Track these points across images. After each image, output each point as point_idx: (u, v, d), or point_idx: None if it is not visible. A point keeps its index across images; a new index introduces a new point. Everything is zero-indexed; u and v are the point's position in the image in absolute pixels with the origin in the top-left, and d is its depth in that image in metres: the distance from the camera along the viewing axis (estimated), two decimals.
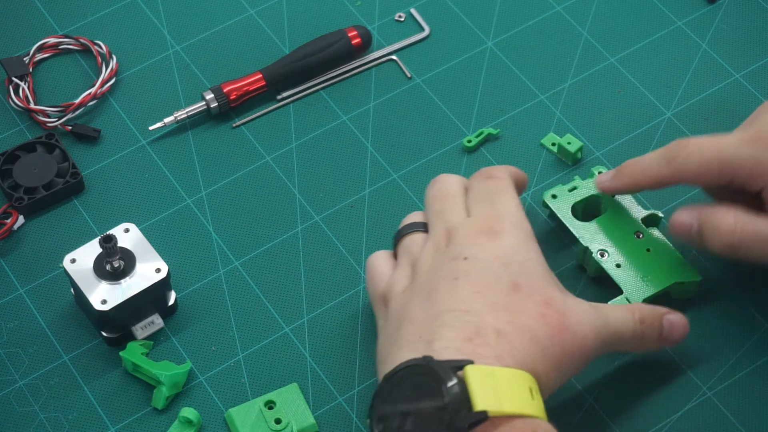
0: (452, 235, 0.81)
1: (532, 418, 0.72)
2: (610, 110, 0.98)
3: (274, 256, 0.92)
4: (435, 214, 0.84)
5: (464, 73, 1.00)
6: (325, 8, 1.04)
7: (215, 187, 0.95)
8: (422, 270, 0.80)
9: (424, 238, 0.83)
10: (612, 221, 0.88)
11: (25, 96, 0.98)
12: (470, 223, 0.81)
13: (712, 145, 0.83)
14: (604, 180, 0.88)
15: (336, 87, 1.00)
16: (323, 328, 0.88)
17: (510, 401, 0.71)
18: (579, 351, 0.77)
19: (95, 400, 0.86)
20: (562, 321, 0.76)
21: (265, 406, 0.84)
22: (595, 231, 0.88)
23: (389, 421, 0.72)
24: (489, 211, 0.81)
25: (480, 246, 0.79)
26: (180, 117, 0.97)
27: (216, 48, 1.02)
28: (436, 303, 0.77)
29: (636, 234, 0.88)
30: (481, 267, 0.78)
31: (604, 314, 0.79)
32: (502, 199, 0.82)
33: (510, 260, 0.78)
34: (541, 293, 0.77)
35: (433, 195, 0.85)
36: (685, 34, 1.02)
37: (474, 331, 0.74)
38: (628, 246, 0.87)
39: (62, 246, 0.91)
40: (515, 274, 0.78)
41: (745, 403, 0.84)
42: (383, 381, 0.74)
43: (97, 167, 0.96)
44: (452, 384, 0.71)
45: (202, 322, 0.89)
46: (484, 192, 0.83)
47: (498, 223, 0.80)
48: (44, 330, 0.89)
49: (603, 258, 0.86)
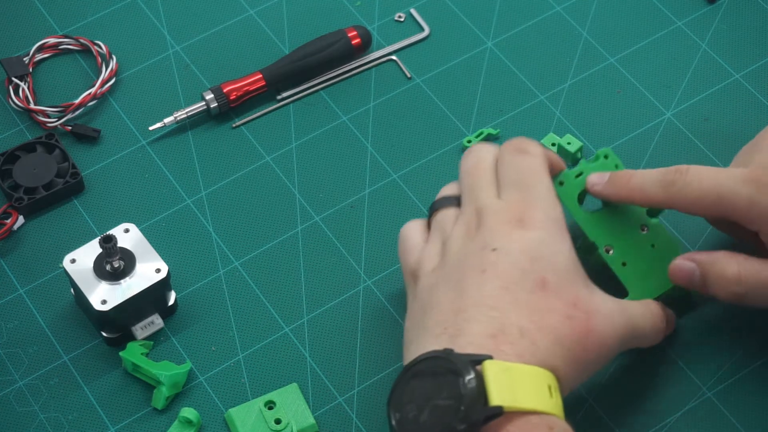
0: (482, 218, 0.80)
1: (549, 415, 0.72)
2: (609, 110, 0.98)
3: (274, 256, 0.92)
4: (467, 189, 0.83)
5: (464, 73, 1.00)
6: (325, 8, 1.04)
7: (215, 187, 0.95)
8: (451, 252, 0.80)
9: (456, 214, 0.83)
10: (617, 211, 0.86)
11: (25, 96, 0.98)
12: (500, 209, 0.80)
13: (710, 179, 0.81)
14: (596, 183, 0.85)
15: (336, 87, 1.00)
16: (323, 328, 0.88)
17: (526, 397, 0.72)
18: (601, 351, 0.77)
19: (95, 400, 0.86)
20: (587, 324, 0.76)
21: (265, 406, 0.84)
22: (601, 222, 0.86)
23: (407, 410, 0.73)
24: (520, 197, 0.80)
25: (509, 237, 0.78)
26: (180, 117, 0.97)
27: (216, 48, 1.02)
28: (463, 295, 0.76)
29: (641, 227, 0.86)
30: (509, 261, 0.77)
31: (628, 312, 0.80)
32: (534, 183, 0.81)
33: (538, 254, 0.77)
34: (569, 292, 0.77)
35: (467, 168, 0.84)
36: (685, 34, 1.02)
37: (498, 328, 0.74)
38: (634, 241, 0.85)
39: (62, 246, 0.91)
40: (543, 269, 0.77)
41: (745, 403, 0.84)
42: (403, 370, 0.74)
43: (97, 167, 0.96)
44: (470, 378, 0.71)
45: (202, 322, 0.89)
46: (516, 171, 0.81)
47: (528, 213, 0.79)
48: (44, 330, 0.89)
49: (609, 254, 0.85)
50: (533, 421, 0.72)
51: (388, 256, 0.91)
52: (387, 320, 0.88)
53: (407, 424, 0.72)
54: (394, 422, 0.73)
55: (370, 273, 0.90)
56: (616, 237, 0.86)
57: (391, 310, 0.89)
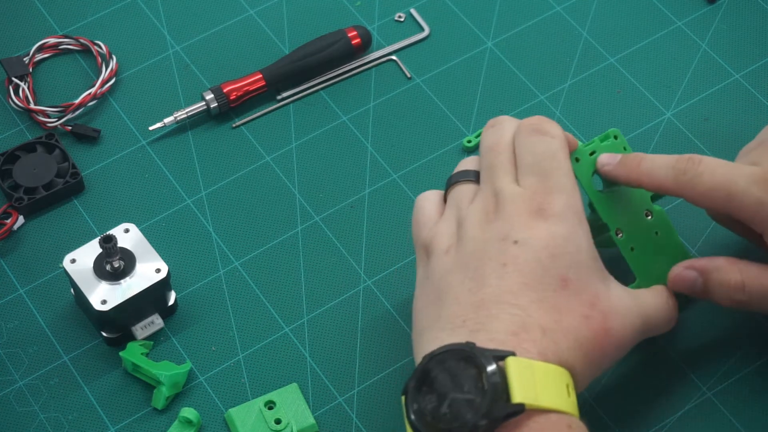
0: (500, 204, 0.79)
1: (567, 415, 0.72)
2: (609, 110, 0.98)
3: (274, 256, 0.92)
4: (486, 168, 0.81)
5: (464, 73, 1.00)
6: (325, 8, 1.04)
7: (215, 187, 0.95)
8: (468, 236, 0.78)
9: (473, 191, 0.81)
10: (624, 194, 0.85)
11: (25, 96, 0.98)
12: (519, 196, 0.78)
13: (724, 173, 0.79)
14: (606, 163, 0.83)
15: (336, 87, 1.00)
16: (323, 328, 0.88)
17: (547, 396, 0.71)
18: (616, 351, 0.77)
19: (95, 400, 0.86)
20: (604, 325, 0.76)
21: (265, 406, 0.84)
22: (612, 204, 0.84)
23: (426, 401, 0.72)
24: (540, 185, 0.79)
25: (530, 229, 0.77)
26: (180, 117, 0.97)
27: (216, 48, 1.02)
28: (483, 288, 0.76)
29: (645, 213, 0.85)
30: (531, 256, 0.76)
31: (643, 306, 0.79)
32: (554, 169, 0.79)
33: (560, 251, 0.76)
34: (588, 291, 0.76)
35: (488, 145, 0.82)
36: (685, 34, 1.02)
37: (520, 326, 0.74)
38: (640, 227, 0.84)
39: (62, 246, 0.91)
40: (565, 266, 0.76)
41: (745, 403, 0.84)
42: (423, 361, 0.73)
43: (97, 167, 0.96)
44: (493, 373, 0.70)
45: (202, 322, 0.89)
46: (535, 154, 0.80)
47: (549, 203, 0.78)
48: (44, 330, 0.89)
49: (619, 237, 0.84)
50: (553, 419, 0.71)
51: (388, 256, 0.91)
52: (387, 320, 0.88)
53: (426, 416, 0.71)
54: (412, 412, 0.72)
55: (370, 273, 0.90)
56: (625, 221, 0.84)
57: (391, 310, 0.89)
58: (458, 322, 0.75)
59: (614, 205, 0.84)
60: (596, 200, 0.84)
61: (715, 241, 0.91)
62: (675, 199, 0.91)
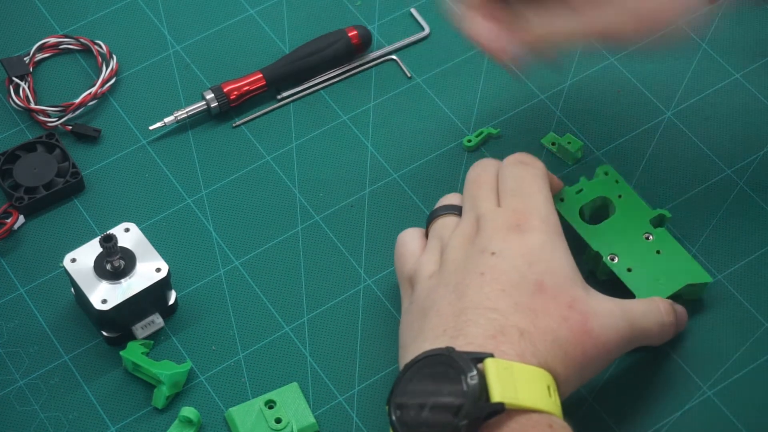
0: (481, 225, 0.81)
1: (549, 414, 0.73)
2: (610, 110, 0.98)
3: (274, 255, 0.92)
4: (469, 199, 0.84)
5: (464, 73, 1.00)
6: (325, 8, 1.04)
7: (215, 187, 0.95)
8: (450, 258, 0.80)
9: (455, 222, 0.84)
10: (621, 223, 0.88)
11: (25, 96, 0.98)
12: (499, 216, 0.81)
13: None
14: None
15: (336, 87, 1.00)
16: (323, 328, 0.88)
17: (527, 395, 0.72)
18: (600, 354, 0.78)
19: (95, 400, 0.86)
20: (584, 325, 0.77)
21: (265, 406, 0.84)
22: (605, 234, 0.87)
23: (407, 408, 0.73)
24: (519, 205, 0.81)
25: (507, 242, 0.79)
26: (180, 117, 0.97)
27: (216, 48, 1.02)
28: (463, 297, 0.77)
29: (645, 236, 0.87)
30: (508, 264, 0.78)
31: (630, 312, 0.80)
32: (533, 191, 0.82)
33: (536, 258, 0.78)
34: (565, 294, 0.77)
35: (472, 179, 0.85)
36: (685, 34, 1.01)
37: (498, 330, 0.75)
38: (638, 248, 0.86)
39: (62, 246, 0.91)
40: (540, 272, 0.78)
41: (745, 403, 0.84)
42: (404, 369, 0.74)
43: (97, 167, 0.96)
44: (472, 374, 0.71)
45: (202, 322, 0.89)
46: (515, 180, 0.83)
47: (526, 219, 0.80)
48: (44, 330, 0.89)
49: (614, 262, 0.86)
50: (534, 419, 0.72)
51: (389, 255, 0.91)
52: (387, 319, 0.88)
53: (408, 422, 0.72)
54: (394, 419, 0.73)
55: (370, 272, 0.90)
56: (619, 246, 0.87)
57: (392, 310, 0.89)
58: (439, 331, 0.76)
59: (607, 234, 0.87)
60: (584, 232, 0.87)
61: (714, 243, 0.91)
62: (677, 211, 0.91)
